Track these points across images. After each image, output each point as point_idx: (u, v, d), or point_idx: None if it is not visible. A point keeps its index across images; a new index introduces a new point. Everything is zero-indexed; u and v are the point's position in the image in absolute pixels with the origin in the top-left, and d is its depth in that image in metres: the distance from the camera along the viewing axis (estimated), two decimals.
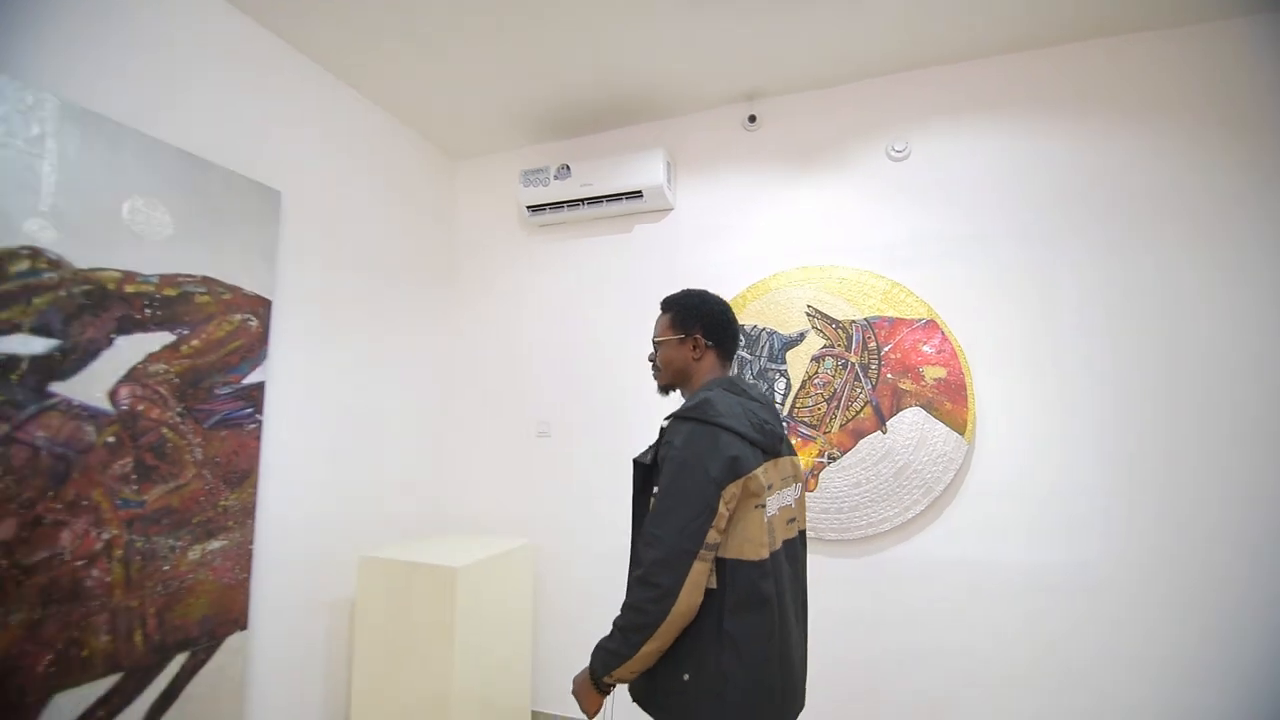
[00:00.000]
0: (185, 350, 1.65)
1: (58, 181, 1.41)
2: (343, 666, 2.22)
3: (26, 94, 1.37)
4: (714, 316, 1.31)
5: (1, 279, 1.31)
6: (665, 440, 1.13)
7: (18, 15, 1.40)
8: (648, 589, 1.03)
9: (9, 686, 1.30)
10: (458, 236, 3.00)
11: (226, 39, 1.89)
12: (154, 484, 1.57)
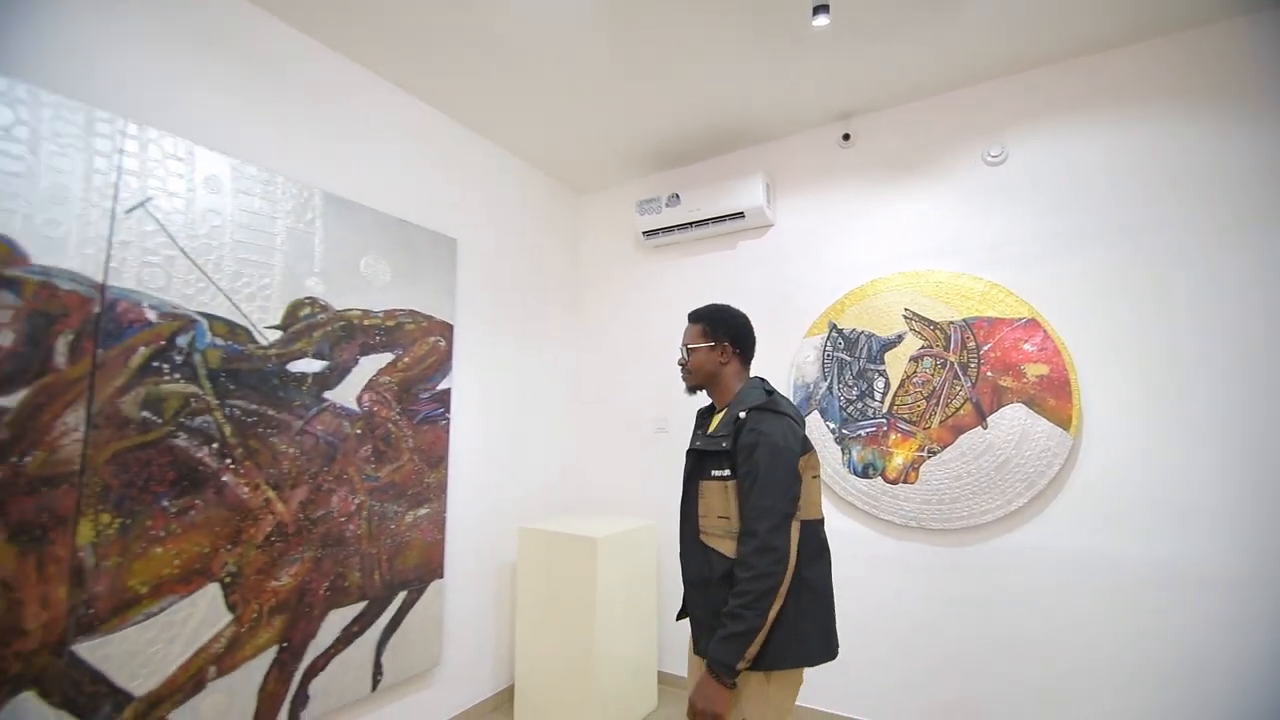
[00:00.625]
0: (400, 365, 2.22)
1: (323, 250, 2.01)
2: (508, 616, 2.74)
3: (304, 191, 1.98)
4: (739, 328, 1.52)
5: (294, 321, 1.91)
6: (750, 428, 1.31)
7: (290, 129, 2.02)
8: (768, 554, 1.20)
9: (306, 602, 1.90)
10: (584, 260, 3.48)
11: (412, 120, 2.48)
12: (384, 464, 2.15)
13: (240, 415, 1.74)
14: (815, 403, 2.64)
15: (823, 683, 2.46)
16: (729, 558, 1.30)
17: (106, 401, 1.48)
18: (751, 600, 1.19)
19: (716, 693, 1.20)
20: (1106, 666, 1.99)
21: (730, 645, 1.20)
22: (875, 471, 2.47)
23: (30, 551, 1.36)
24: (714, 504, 1.37)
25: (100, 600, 1.46)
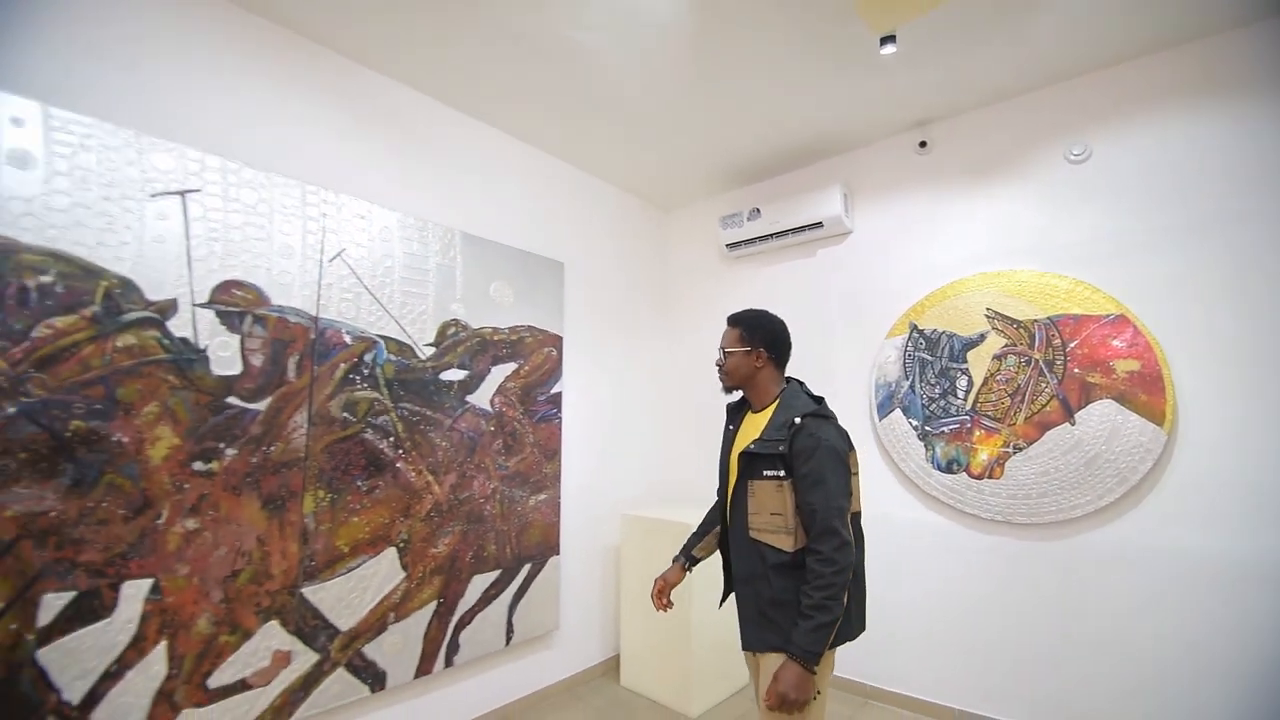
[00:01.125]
0: (522, 373, 2.63)
1: (462, 279, 2.45)
2: (614, 593, 3.08)
3: (447, 234, 2.42)
4: (774, 334, 1.58)
5: (444, 338, 2.35)
6: (808, 433, 1.39)
7: (435, 184, 2.48)
8: (847, 549, 1.31)
9: (456, 566, 2.33)
10: (672, 272, 3.78)
11: (525, 164, 2.89)
12: (512, 456, 2.55)
13: (408, 415, 2.19)
14: (897, 401, 2.75)
15: (908, 670, 2.59)
16: (783, 551, 1.38)
17: (320, 405, 1.96)
18: (836, 592, 1.29)
19: (806, 680, 1.27)
20: (1207, 663, 1.99)
21: (820, 635, 1.28)
22: (959, 467, 2.55)
23: (275, 516, 1.86)
24: (766, 502, 1.43)
25: (318, 555, 1.94)
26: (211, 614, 1.71)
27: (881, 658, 2.67)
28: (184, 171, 1.74)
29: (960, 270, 2.66)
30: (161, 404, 1.64)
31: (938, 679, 2.52)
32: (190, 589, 1.68)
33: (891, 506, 2.73)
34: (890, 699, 2.62)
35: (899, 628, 2.64)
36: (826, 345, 3.00)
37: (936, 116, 2.75)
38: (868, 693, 2.69)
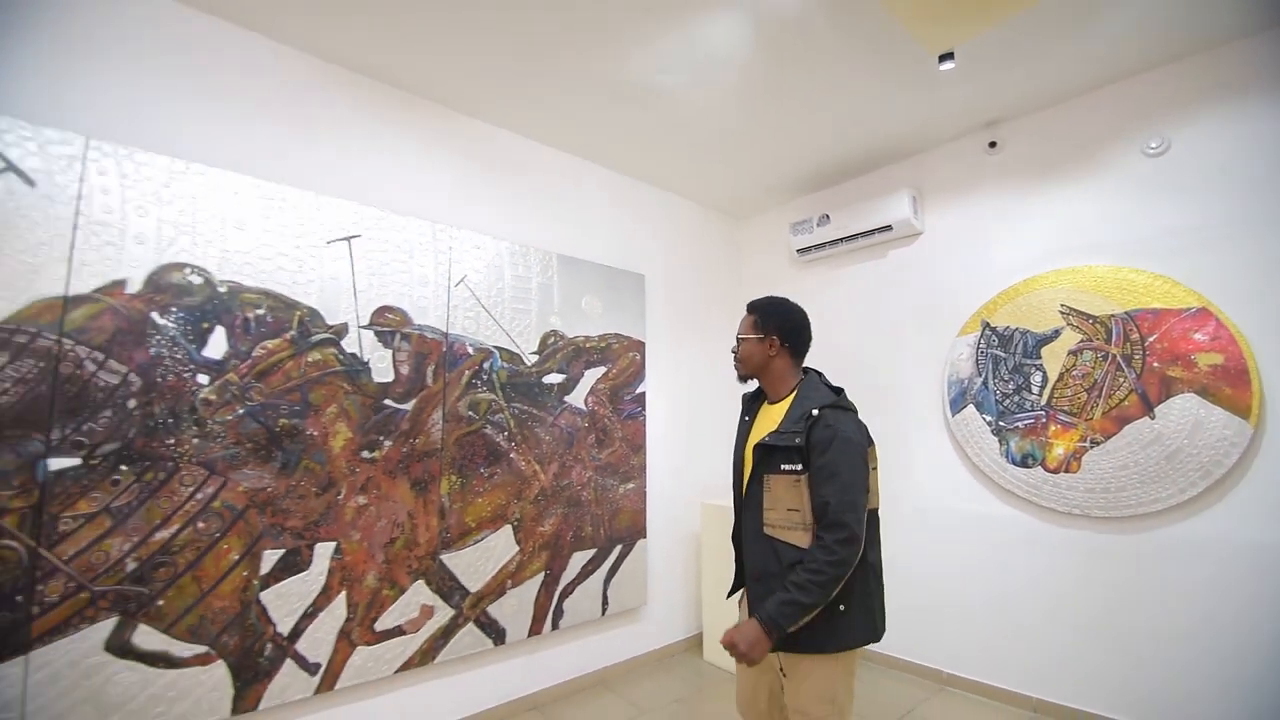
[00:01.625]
0: (610, 376, 2.96)
1: (559, 295, 2.81)
2: (695, 575, 3.35)
3: (546, 256, 2.79)
4: (789, 322, 1.53)
5: (545, 347, 2.72)
6: (825, 425, 1.34)
7: (535, 213, 2.85)
8: (853, 545, 1.26)
9: (559, 544, 2.69)
10: (746, 278, 3.99)
11: (610, 187, 3.22)
12: (603, 449, 2.89)
13: (518, 413, 2.58)
14: (970, 397, 2.83)
15: (985, 658, 2.67)
16: (799, 548, 1.32)
17: (451, 405, 2.38)
18: (826, 580, 1.24)
19: (761, 642, 1.25)
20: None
21: (789, 611, 1.24)
22: (1034, 461, 2.60)
23: (420, 496, 2.28)
24: (783, 497, 1.37)
25: (453, 529, 2.36)
26: (376, 572, 2.16)
27: (957, 645, 2.76)
28: (349, 221, 2.20)
29: (1033, 267, 2.70)
30: (339, 405, 2.10)
31: (1016, 668, 2.59)
32: (361, 551, 2.13)
33: (965, 500, 2.81)
34: (966, 685, 2.71)
35: (973, 616, 2.73)
36: (898, 344, 3.12)
37: (1006, 116, 2.79)
38: (943, 679, 2.79)
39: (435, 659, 2.29)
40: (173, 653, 1.78)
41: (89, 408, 1.69)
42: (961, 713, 2.54)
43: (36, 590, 1.60)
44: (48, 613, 1.61)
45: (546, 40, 2.20)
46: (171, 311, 1.82)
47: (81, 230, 1.71)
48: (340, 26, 2.11)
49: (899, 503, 3.02)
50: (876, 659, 3.03)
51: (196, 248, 1.88)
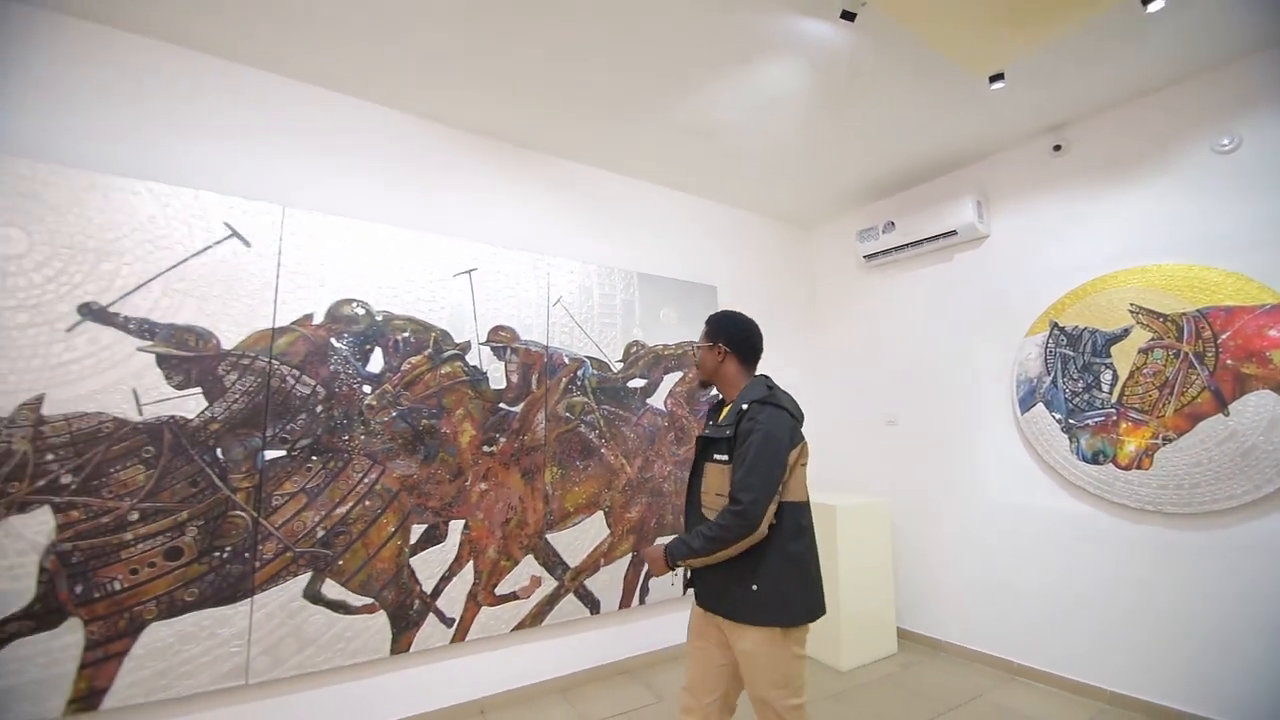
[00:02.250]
0: (687, 380, 3.28)
1: (640, 309, 3.16)
2: None
3: (628, 275, 3.15)
4: (734, 332, 1.70)
5: (628, 356, 3.08)
6: (750, 418, 1.49)
7: (618, 237, 3.22)
8: (740, 518, 1.42)
9: (644, 529, 3.04)
10: (815, 283, 4.18)
11: (684, 208, 3.54)
12: (681, 445, 3.21)
13: (607, 414, 2.96)
14: (1039, 395, 2.90)
15: (1057, 649, 2.74)
16: None
17: (552, 407, 2.79)
18: (711, 538, 1.45)
19: (658, 562, 1.56)
20: None
21: (680, 549, 1.50)
22: (1105, 458, 2.66)
23: (529, 483, 2.71)
24: (713, 483, 1.56)
25: (555, 512, 2.77)
26: (496, 546, 2.60)
27: (1027, 636, 2.84)
28: (469, 257, 2.66)
29: (1102, 267, 2.74)
30: (465, 408, 2.56)
31: (1089, 660, 2.65)
32: (484, 529, 2.58)
33: (1035, 496, 2.89)
34: (1036, 676, 2.79)
35: (1043, 608, 2.80)
36: (966, 345, 3.22)
37: (1072, 119, 2.85)
38: (1014, 669, 2.88)
39: (543, 622, 2.70)
40: (349, 602, 2.29)
41: (290, 412, 2.22)
42: (1031, 701, 2.64)
43: (258, 550, 2.14)
44: (265, 567, 2.15)
45: (628, 92, 2.56)
46: (344, 337, 2.34)
47: (282, 278, 2.25)
48: (461, 100, 2.57)
49: (969, 499, 3.13)
50: (947, 649, 3.15)
51: (359, 286, 2.40)
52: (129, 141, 2.12)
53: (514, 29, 2.16)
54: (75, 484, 1.88)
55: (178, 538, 2.00)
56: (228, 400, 2.12)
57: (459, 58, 2.32)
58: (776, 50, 2.31)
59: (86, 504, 1.89)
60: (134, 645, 1.94)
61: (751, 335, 1.74)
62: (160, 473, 1.99)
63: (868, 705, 2.63)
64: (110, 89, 2.11)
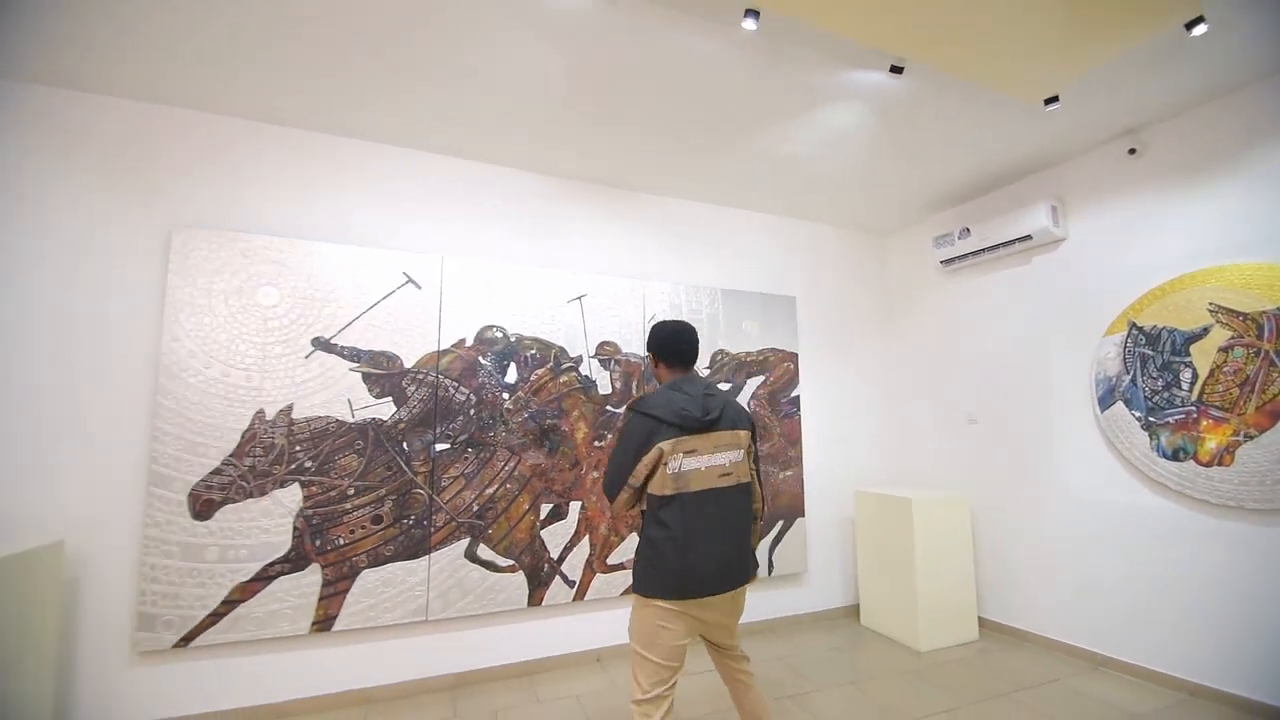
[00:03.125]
0: (768, 383, 3.66)
1: (724, 321, 3.59)
2: (851, 552, 3.88)
3: (712, 292, 3.59)
4: (658, 341, 1.89)
5: (715, 362, 3.52)
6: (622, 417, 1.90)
7: (701, 260, 3.66)
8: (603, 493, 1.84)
9: None
10: (892, 288, 4.37)
11: (765, 227, 3.91)
12: (764, 442, 3.60)
13: None
14: (1118, 394, 2.99)
15: (1139, 641, 2.83)
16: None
17: None
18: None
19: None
20: None
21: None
22: (1186, 455, 2.72)
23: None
24: None
25: None
26: (606, 524, 3.14)
27: (1112, 628, 2.93)
28: (580, 285, 3.23)
29: (1179, 267, 2.80)
30: (579, 410, 3.12)
31: (1170, 652, 2.73)
32: (596, 509, 3.12)
33: (1116, 492, 2.97)
34: (1120, 666, 2.89)
35: (1127, 601, 2.89)
36: (1045, 345, 3.33)
37: (1145, 123, 2.91)
38: (1097, 660, 2.98)
39: None
40: (497, 562, 2.91)
41: (451, 414, 2.88)
42: (1108, 689, 2.76)
43: (433, 519, 2.81)
44: (437, 532, 2.81)
45: (710, 137, 3.00)
46: (488, 355, 2.98)
47: (443, 311, 2.92)
48: (570, 156, 3.14)
49: (1050, 495, 3.25)
50: (1032, 639, 3.28)
51: (498, 314, 3.03)
52: (336, 216, 2.88)
53: (612, 101, 2.67)
54: (314, 467, 2.63)
55: (379, 508, 2.72)
56: (409, 406, 2.81)
57: (571, 125, 2.87)
58: (839, 97, 2.65)
59: (321, 482, 2.64)
60: (352, 586, 2.66)
61: (669, 340, 1.87)
62: (367, 460, 2.71)
63: (940, 681, 2.88)
64: (318, 180, 2.88)
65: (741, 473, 1.78)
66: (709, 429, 1.72)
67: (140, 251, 2.55)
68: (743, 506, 1.78)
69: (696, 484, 1.69)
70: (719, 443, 1.74)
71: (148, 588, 2.38)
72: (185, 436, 2.47)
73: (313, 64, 2.38)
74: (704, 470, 1.70)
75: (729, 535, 1.71)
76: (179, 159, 2.65)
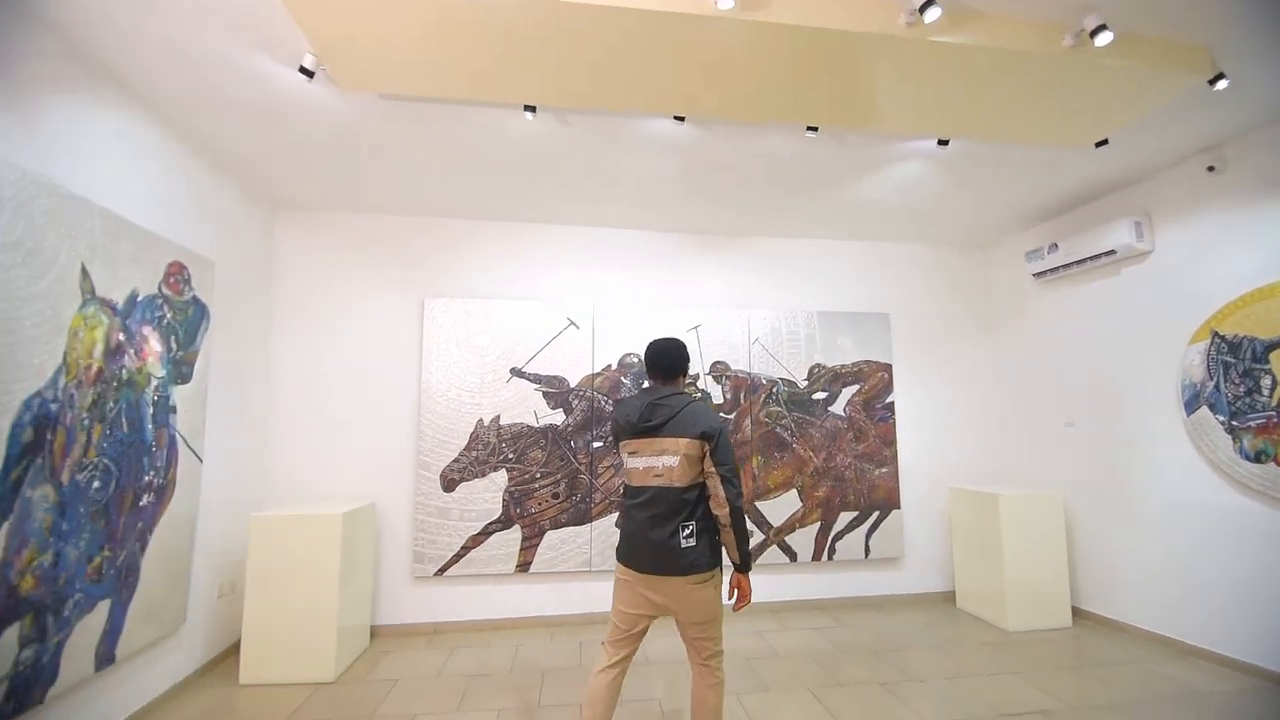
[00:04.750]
0: (863, 391, 4.23)
1: (820, 338, 4.23)
2: (947, 542, 4.29)
3: (808, 314, 4.25)
4: (646, 356, 2.12)
5: (811, 375, 4.18)
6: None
7: (798, 286, 4.34)
8: None
9: (830, 505, 4.09)
10: (987, 300, 4.65)
11: (851, 251, 4.47)
12: (859, 443, 4.18)
13: (797, 419, 4.10)
14: (1203, 399, 3.17)
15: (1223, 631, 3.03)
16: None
17: (755, 415, 4.06)
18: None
19: None
20: None
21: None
22: (1268, 457, 2.89)
23: (742, 467, 4.01)
24: None
25: (761, 488, 4.02)
26: None
27: (1198, 620, 3.12)
28: (696, 317, 4.09)
29: (1260, 278, 2.95)
30: None
31: (1255, 642, 2.90)
32: None
33: (1204, 493, 3.16)
34: (1204, 655, 3.08)
35: (1214, 596, 3.08)
36: (1133, 352, 3.54)
37: (1224, 140, 3.08)
38: (1185, 649, 3.19)
39: (756, 562, 3.97)
40: None
41: (602, 421, 3.90)
42: (1188, 672, 3.00)
43: (592, 497, 3.84)
44: (595, 507, 3.84)
45: (791, 196, 3.70)
46: (627, 375, 3.96)
47: (595, 343, 3.95)
48: (686, 213, 4.02)
49: (1141, 494, 3.48)
50: (1126, 629, 3.51)
51: (633, 344, 4.00)
52: (522, 279, 4.04)
53: (713, 182, 3.50)
54: (514, 458, 3.79)
55: (557, 488, 3.81)
56: (574, 415, 3.88)
57: (683, 199, 3.74)
58: (899, 159, 3.23)
59: (519, 468, 3.79)
60: (541, 542, 3.77)
61: (650, 355, 2.11)
62: (548, 453, 3.82)
63: (1018, 652, 3.30)
64: (510, 255, 4.05)
65: (673, 476, 1.89)
66: (649, 434, 1.94)
67: (405, 316, 3.88)
68: (671, 506, 1.88)
69: (636, 479, 1.97)
70: (657, 447, 1.92)
71: (418, 535, 3.68)
72: (437, 436, 3.74)
73: (506, 182, 3.51)
74: (641, 469, 1.95)
75: (654, 526, 1.89)
76: (426, 250, 3.96)
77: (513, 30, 2.00)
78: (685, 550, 1.87)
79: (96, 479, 2.30)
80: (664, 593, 1.92)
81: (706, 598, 1.92)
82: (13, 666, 1.97)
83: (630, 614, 1.99)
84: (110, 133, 2.41)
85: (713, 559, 1.93)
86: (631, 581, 1.97)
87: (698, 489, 1.91)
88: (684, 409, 1.95)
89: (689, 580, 1.88)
